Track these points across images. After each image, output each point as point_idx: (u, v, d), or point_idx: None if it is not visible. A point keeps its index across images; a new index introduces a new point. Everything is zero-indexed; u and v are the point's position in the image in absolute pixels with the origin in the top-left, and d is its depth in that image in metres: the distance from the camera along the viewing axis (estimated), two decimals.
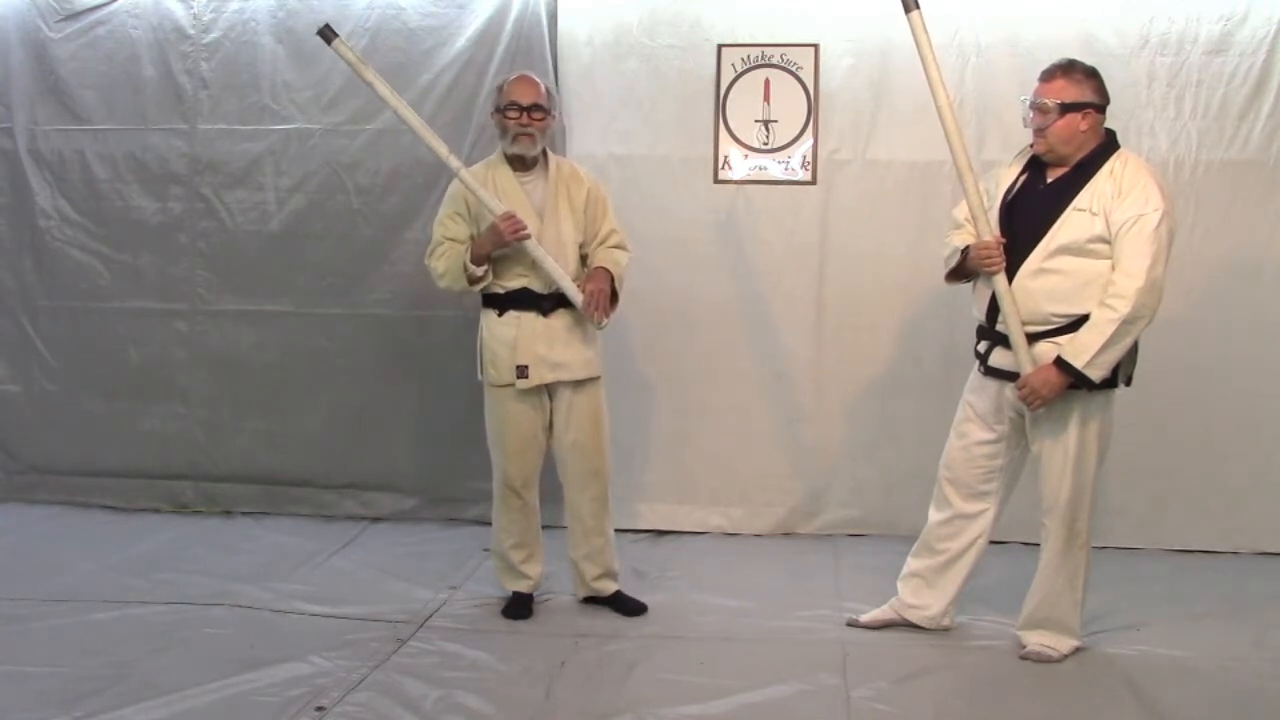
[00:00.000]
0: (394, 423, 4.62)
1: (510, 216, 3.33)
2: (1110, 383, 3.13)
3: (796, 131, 4.40)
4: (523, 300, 3.46)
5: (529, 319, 3.45)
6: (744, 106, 4.42)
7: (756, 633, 3.47)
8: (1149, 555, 4.23)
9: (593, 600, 3.66)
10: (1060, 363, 3.05)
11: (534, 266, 3.41)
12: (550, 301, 3.45)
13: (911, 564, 3.51)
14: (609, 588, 3.65)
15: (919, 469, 4.43)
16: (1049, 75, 3.16)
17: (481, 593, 3.79)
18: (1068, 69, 3.14)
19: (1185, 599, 3.77)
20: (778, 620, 3.57)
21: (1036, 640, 3.30)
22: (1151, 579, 3.96)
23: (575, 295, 3.42)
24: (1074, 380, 3.05)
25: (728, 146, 4.44)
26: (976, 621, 3.54)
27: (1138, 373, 3.51)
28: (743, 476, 4.52)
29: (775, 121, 4.41)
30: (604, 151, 4.40)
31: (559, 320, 3.46)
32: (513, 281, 3.45)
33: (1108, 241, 3.05)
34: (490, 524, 4.49)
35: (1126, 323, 2.99)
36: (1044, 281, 3.11)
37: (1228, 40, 4.18)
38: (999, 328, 3.20)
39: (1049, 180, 3.20)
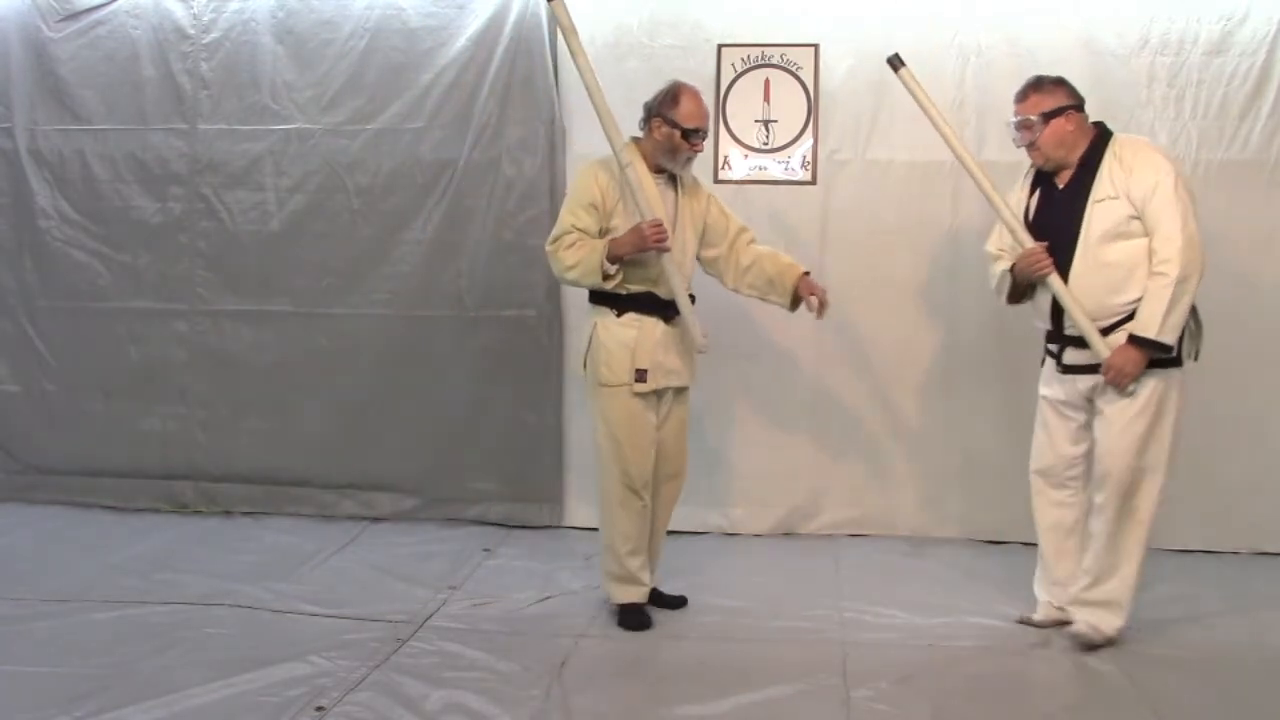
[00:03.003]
0: (394, 423, 4.62)
1: (659, 224, 3.30)
2: (1178, 361, 3.26)
3: (796, 131, 4.40)
4: (646, 304, 3.44)
5: (650, 323, 3.44)
6: (744, 106, 4.42)
7: (756, 633, 3.47)
8: (1149, 555, 4.20)
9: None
10: (1134, 339, 3.17)
11: (660, 275, 3.39)
12: (673, 308, 3.44)
13: (1039, 572, 3.56)
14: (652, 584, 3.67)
15: (919, 469, 4.45)
16: (1022, 95, 3.38)
17: (481, 593, 3.79)
18: (1036, 85, 3.37)
19: (1185, 599, 3.77)
20: (778, 620, 3.57)
21: (1084, 619, 3.35)
22: (1152, 579, 3.94)
23: (690, 312, 3.42)
24: (1152, 352, 3.18)
25: (728, 146, 4.44)
26: (976, 621, 3.54)
27: None
28: (743, 476, 4.52)
29: (775, 121, 4.42)
30: (604, 151, 4.35)
31: (676, 327, 3.47)
32: (637, 285, 3.43)
33: (1139, 218, 3.19)
34: (490, 524, 4.54)
35: (1180, 283, 3.13)
36: (1097, 277, 3.24)
37: (1228, 40, 4.19)
38: (1068, 331, 3.32)
39: (1061, 186, 3.35)
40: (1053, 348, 3.43)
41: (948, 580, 3.96)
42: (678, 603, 3.67)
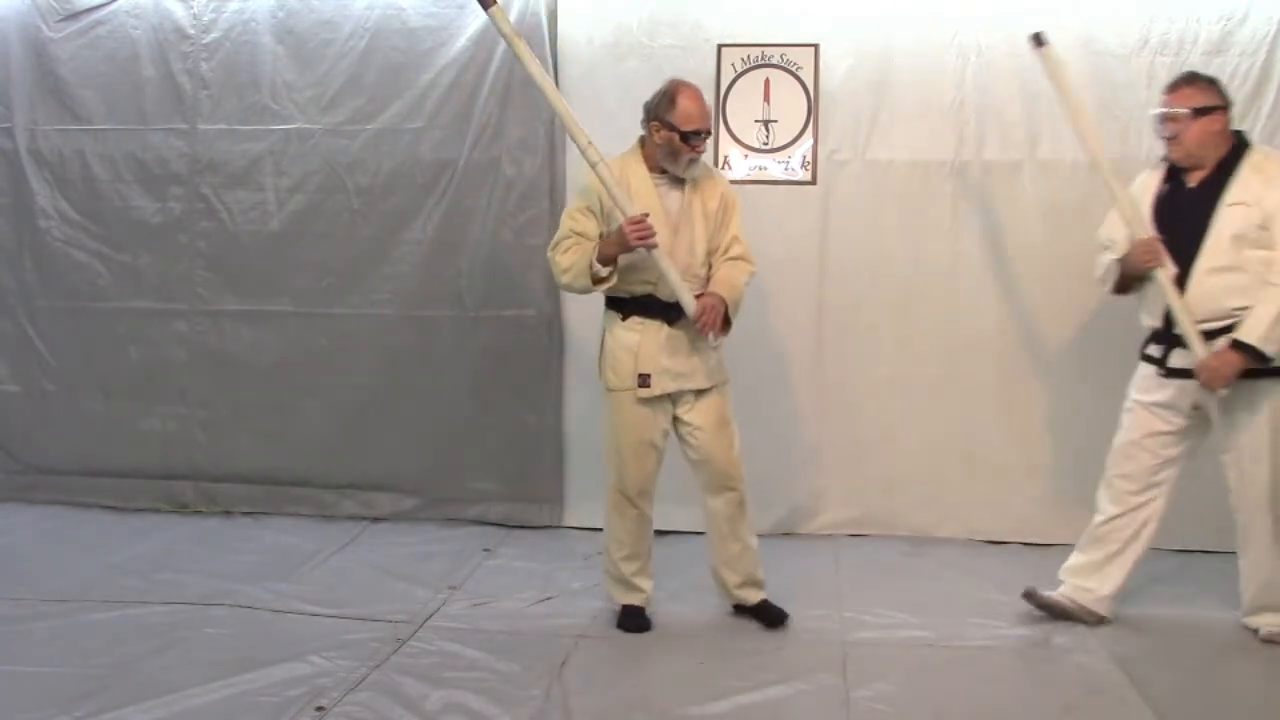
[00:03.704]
0: (394, 423, 4.62)
1: (638, 221, 3.18)
2: None
3: (796, 131, 4.40)
4: (648, 307, 3.36)
5: (653, 327, 3.36)
6: (744, 106, 4.42)
7: (756, 633, 3.48)
8: (1149, 555, 4.20)
9: (741, 609, 3.58)
10: (1235, 343, 3.18)
11: (661, 277, 3.29)
12: (677, 311, 3.33)
13: (1078, 558, 3.56)
14: (752, 596, 3.55)
15: (919, 469, 4.45)
16: (1175, 87, 3.36)
17: (481, 593, 3.79)
18: (1190, 79, 3.35)
19: (1185, 599, 3.77)
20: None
21: (1267, 622, 3.39)
22: (1152, 579, 3.95)
23: (691, 308, 3.28)
24: (1251, 359, 3.18)
25: (728, 146, 4.44)
26: (976, 621, 3.54)
27: (1133, 374, 3.51)
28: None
29: (775, 121, 4.41)
30: (604, 152, 4.38)
31: (683, 329, 3.35)
32: (638, 288, 3.35)
33: (1267, 229, 3.20)
34: (490, 524, 4.54)
35: None
36: (1221, 279, 3.24)
37: (1228, 40, 4.18)
38: (1177, 330, 3.30)
39: (1192, 184, 3.34)
40: (1156, 351, 3.41)
41: (948, 580, 3.96)
42: (777, 619, 3.51)
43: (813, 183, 4.41)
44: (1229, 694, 3.09)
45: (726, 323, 3.36)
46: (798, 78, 4.39)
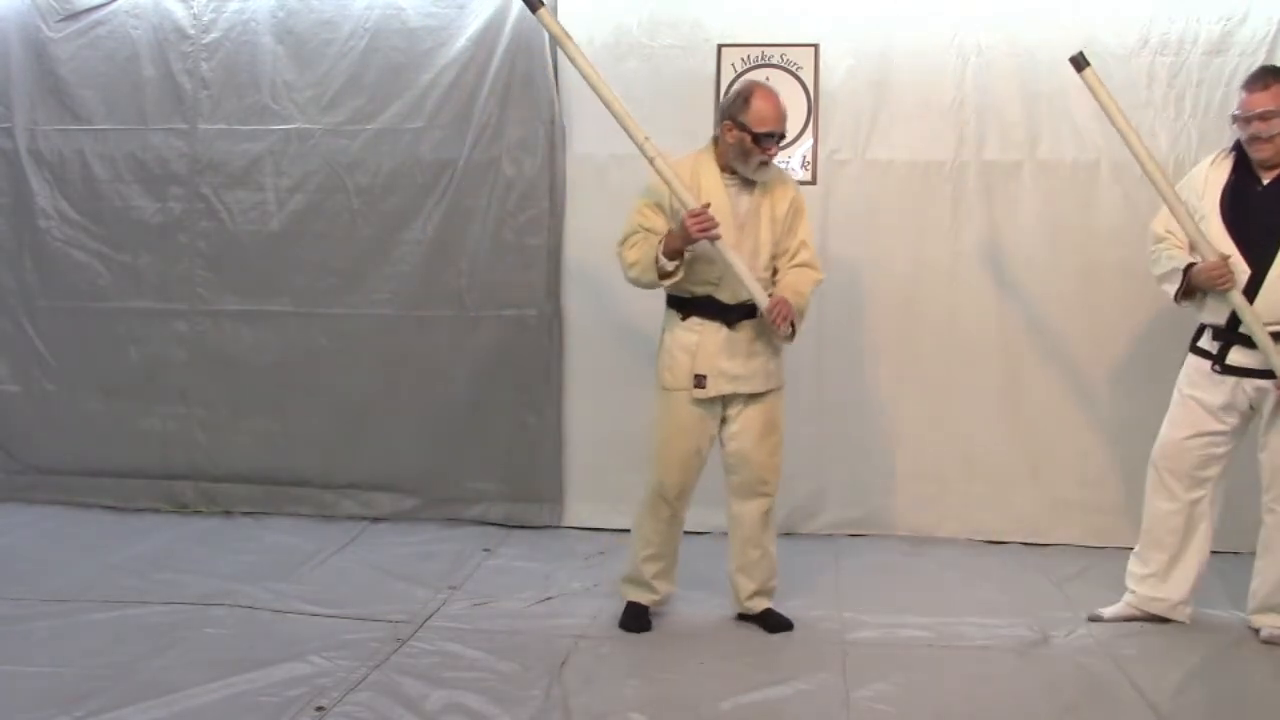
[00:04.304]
0: (394, 423, 4.62)
1: (699, 213, 3.15)
2: None
3: (796, 131, 4.40)
4: (708, 309, 3.33)
5: (712, 329, 3.33)
6: None
7: (756, 633, 3.47)
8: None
9: (745, 618, 3.54)
10: None
11: (721, 278, 3.28)
12: (736, 313, 3.32)
13: (1141, 566, 3.54)
14: (760, 605, 3.52)
15: (919, 469, 4.45)
16: (1260, 85, 3.26)
17: (481, 593, 3.79)
18: (1276, 74, 3.26)
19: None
20: None
21: (1269, 623, 3.38)
22: None
23: (763, 301, 3.25)
24: None
25: None
26: (976, 621, 3.54)
27: (1133, 374, 3.51)
28: None
29: None
30: (604, 152, 4.39)
31: (742, 332, 3.33)
32: (699, 289, 3.33)
33: None
34: (490, 524, 4.54)
35: None
36: None
37: (1228, 40, 4.19)
38: (1243, 330, 3.26)
39: (1266, 182, 3.28)
40: (1211, 346, 3.37)
41: (948, 580, 3.97)
42: (780, 625, 3.49)
43: (813, 182, 4.41)
44: (1229, 694, 3.09)
45: (792, 328, 3.34)
46: (798, 78, 4.39)
